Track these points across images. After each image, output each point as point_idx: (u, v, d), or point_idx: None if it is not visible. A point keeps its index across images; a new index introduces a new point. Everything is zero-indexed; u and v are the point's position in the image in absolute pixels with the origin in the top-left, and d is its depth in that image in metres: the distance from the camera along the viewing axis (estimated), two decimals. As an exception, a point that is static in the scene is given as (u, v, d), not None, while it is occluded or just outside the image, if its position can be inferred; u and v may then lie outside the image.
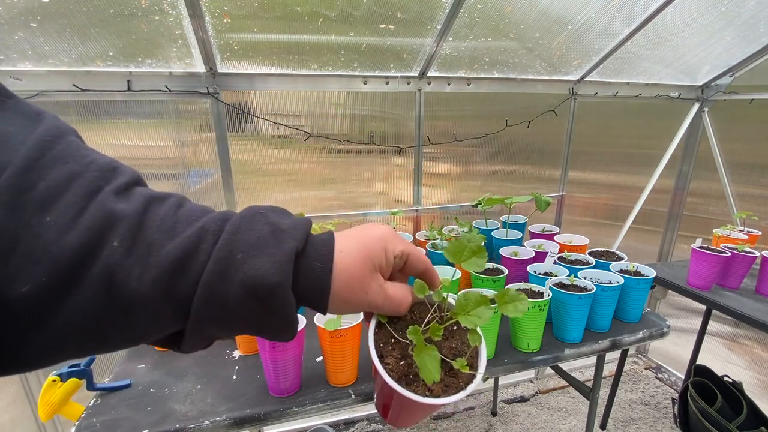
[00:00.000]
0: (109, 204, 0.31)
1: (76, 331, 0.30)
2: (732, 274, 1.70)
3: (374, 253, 0.40)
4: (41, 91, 1.46)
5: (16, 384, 1.71)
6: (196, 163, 1.75)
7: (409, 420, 0.49)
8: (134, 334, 0.33)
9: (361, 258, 0.39)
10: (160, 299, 0.32)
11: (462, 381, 0.43)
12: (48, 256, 0.28)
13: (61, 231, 0.29)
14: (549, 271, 1.38)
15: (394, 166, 2.03)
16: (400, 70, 1.85)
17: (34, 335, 0.29)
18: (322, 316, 1.06)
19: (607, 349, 1.29)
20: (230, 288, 0.34)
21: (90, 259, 0.29)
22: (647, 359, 2.96)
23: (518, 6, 1.64)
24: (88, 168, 0.32)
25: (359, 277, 0.39)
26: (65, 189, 0.30)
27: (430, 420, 2.38)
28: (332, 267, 0.38)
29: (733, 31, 1.96)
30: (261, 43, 1.58)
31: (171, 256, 0.32)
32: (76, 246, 0.29)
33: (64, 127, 0.34)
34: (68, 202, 0.30)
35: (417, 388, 0.41)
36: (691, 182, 2.62)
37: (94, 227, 0.30)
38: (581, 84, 2.18)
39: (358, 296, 0.40)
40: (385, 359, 0.43)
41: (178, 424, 0.96)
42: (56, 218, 0.29)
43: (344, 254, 0.39)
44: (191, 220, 0.35)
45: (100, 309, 0.30)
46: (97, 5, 1.30)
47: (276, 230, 0.36)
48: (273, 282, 0.34)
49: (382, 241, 0.41)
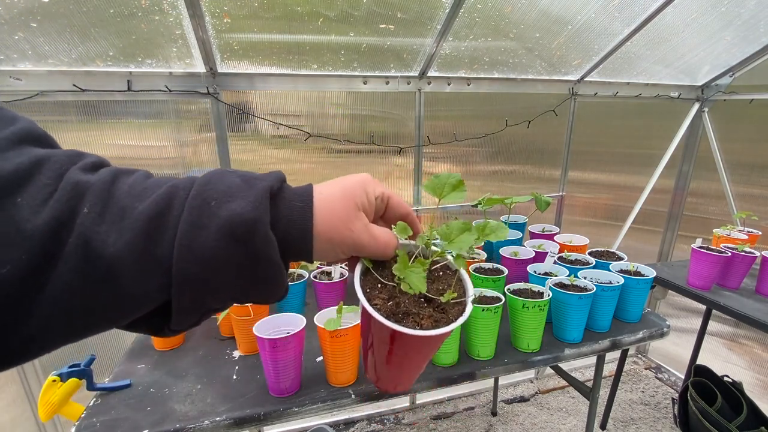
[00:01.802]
0: (76, 176, 0.31)
1: (62, 309, 0.30)
2: (732, 274, 1.70)
3: (355, 192, 0.40)
4: (41, 91, 1.46)
5: (16, 384, 1.71)
6: (196, 163, 1.75)
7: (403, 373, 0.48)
8: (121, 307, 0.33)
9: (342, 196, 0.39)
10: (140, 263, 0.31)
11: (452, 316, 0.43)
12: (22, 235, 0.28)
13: (33, 210, 0.29)
14: (549, 271, 1.38)
15: (394, 166, 2.03)
16: (400, 70, 1.85)
17: (20, 318, 0.29)
18: (322, 316, 1.06)
19: (607, 349, 1.29)
20: (208, 236, 0.32)
21: (65, 231, 0.29)
22: (647, 359, 2.96)
23: (518, 6, 1.64)
24: (56, 153, 0.32)
25: (343, 215, 0.38)
26: (35, 172, 0.30)
27: (430, 420, 2.38)
28: (312, 204, 0.37)
29: (733, 31, 1.96)
30: (261, 43, 1.58)
31: (144, 216, 0.31)
32: (48, 220, 0.29)
33: (39, 131, 0.34)
34: (39, 184, 0.30)
35: (408, 325, 0.41)
36: (691, 182, 2.62)
37: (64, 200, 0.30)
38: (581, 84, 2.18)
39: (343, 234, 0.38)
40: (373, 301, 0.43)
41: (178, 424, 0.96)
42: (28, 199, 0.29)
43: (324, 195, 0.38)
44: (161, 184, 0.34)
45: (81, 282, 0.30)
46: (97, 5, 1.30)
47: (248, 179, 0.36)
48: (249, 218, 0.33)
49: (362, 183, 0.41)
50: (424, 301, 0.44)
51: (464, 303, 0.45)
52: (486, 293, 1.22)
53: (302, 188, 0.39)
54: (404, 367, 0.47)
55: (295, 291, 1.34)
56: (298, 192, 0.38)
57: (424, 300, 0.44)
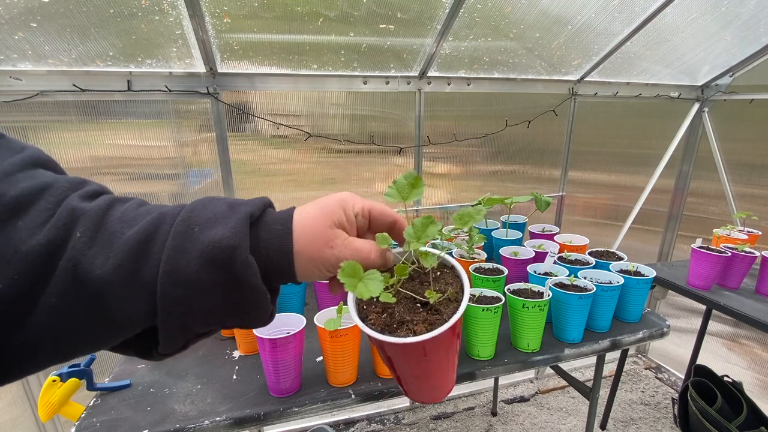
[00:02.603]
0: (74, 203, 0.33)
1: (51, 329, 0.31)
2: (732, 274, 1.70)
3: (332, 210, 0.41)
4: (41, 91, 1.46)
5: (16, 384, 1.71)
6: (196, 163, 1.75)
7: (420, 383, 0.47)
8: (107, 330, 0.34)
9: (321, 216, 0.40)
10: (126, 286, 0.32)
11: (446, 315, 0.43)
12: (18, 256, 0.29)
13: (31, 232, 0.30)
14: (549, 271, 1.38)
15: (394, 166, 2.03)
16: (400, 70, 1.85)
17: (11, 335, 0.30)
18: (322, 316, 1.07)
19: (607, 349, 1.29)
20: (189, 261, 0.33)
21: (58, 254, 0.31)
22: (647, 359, 2.96)
23: (518, 6, 1.64)
24: (59, 180, 0.34)
25: (321, 234, 0.39)
26: (38, 197, 0.32)
27: (430, 420, 2.38)
28: (292, 227, 0.38)
29: (733, 31, 1.96)
30: (261, 43, 1.58)
31: (131, 240, 0.33)
32: (43, 243, 0.30)
33: (45, 156, 0.37)
34: (40, 209, 0.32)
35: (401, 335, 0.41)
36: (691, 182, 2.62)
37: (60, 224, 0.31)
38: (581, 84, 2.18)
39: (324, 252, 0.39)
40: (368, 318, 0.43)
41: (178, 424, 0.96)
42: (27, 222, 0.31)
43: (303, 216, 0.39)
44: (151, 212, 0.36)
45: (70, 302, 0.31)
46: (97, 5, 1.30)
47: (233, 205, 0.37)
48: (229, 245, 0.34)
49: (340, 202, 0.41)
50: (420, 306, 0.43)
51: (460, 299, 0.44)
52: (486, 293, 1.22)
53: (283, 212, 0.40)
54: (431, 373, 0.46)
55: (295, 291, 1.34)
56: (279, 216, 0.39)
57: (420, 304, 0.44)
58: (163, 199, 1.76)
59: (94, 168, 1.62)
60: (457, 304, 0.44)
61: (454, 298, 0.44)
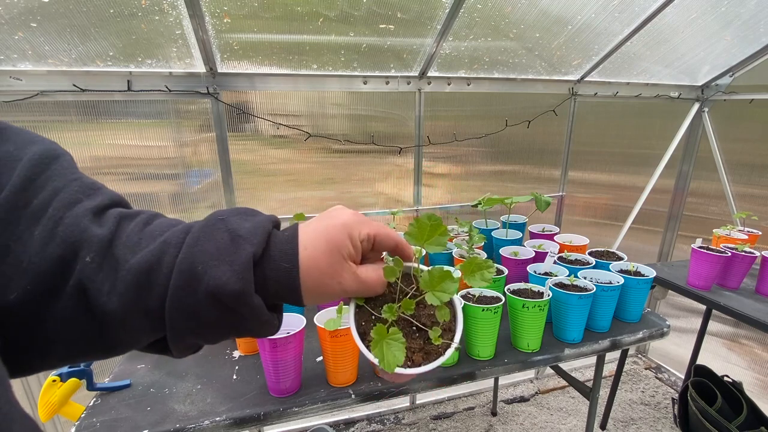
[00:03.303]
0: (85, 222, 0.34)
1: (61, 339, 0.33)
2: (732, 274, 1.70)
3: (340, 243, 0.39)
4: (41, 91, 1.46)
5: (16, 384, 1.71)
6: (196, 163, 1.75)
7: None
8: (116, 345, 0.35)
9: (328, 251, 0.39)
10: (132, 313, 0.33)
11: (442, 348, 0.45)
12: (32, 267, 0.31)
13: (44, 243, 0.31)
14: (549, 271, 1.38)
15: (394, 166, 2.03)
16: (400, 70, 1.85)
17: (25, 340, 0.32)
18: (322, 316, 1.07)
19: (607, 349, 1.29)
20: (197, 299, 0.35)
21: (67, 270, 0.32)
22: (647, 359, 2.96)
23: (518, 6, 1.64)
24: (71, 184, 0.35)
25: (328, 271, 0.39)
26: (49, 204, 0.33)
27: (430, 420, 2.38)
28: (299, 265, 0.38)
29: (733, 31, 1.96)
30: (261, 43, 1.58)
31: (134, 271, 0.33)
32: (54, 258, 0.31)
33: (59, 149, 0.37)
34: (49, 216, 0.32)
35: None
36: (691, 182, 2.62)
37: (68, 241, 0.32)
38: (581, 84, 2.18)
39: (332, 287, 0.40)
40: (366, 337, 0.44)
41: (178, 424, 0.96)
42: (41, 231, 0.32)
43: (309, 251, 0.38)
44: (155, 236, 0.36)
45: (79, 320, 0.32)
46: (97, 5, 1.30)
47: (234, 237, 0.37)
48: (234, 290, 0.35)
49: (346, 228, 0.40)
50: (416, 330, 0.45)
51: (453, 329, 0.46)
52: (486, 293, 1.22)
53: (287, 244, 0.39)
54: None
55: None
56: (284, 250, 0.38)
57: (416, 329, 0.45)
58: (163, 199, 1.76)
59: (94, 168, 1.62)
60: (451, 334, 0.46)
61: (448, 327, 0.46)
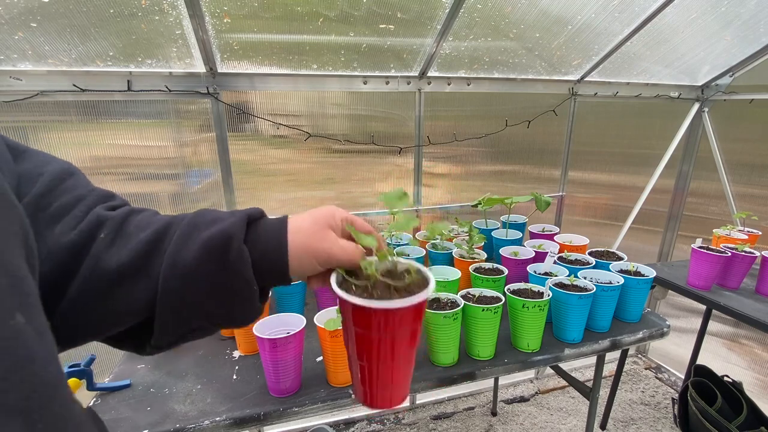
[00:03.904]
0: (100, 212, 0.41)
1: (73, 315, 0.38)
2: (732, 274, 1.70)
3: (323, 215, 0.48)
4: (41, 91, 1.46)
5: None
6: (196, 163, 1.75)
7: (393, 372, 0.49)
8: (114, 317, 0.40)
9: (313, 221, 0.47)
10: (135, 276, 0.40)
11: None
12: (51, 256, 0.37)
13: (63, 235, 0.38)
14: (549, 271, 1.38)
15: (394, 166, 2.03)
16: (400, 70, 1.85)
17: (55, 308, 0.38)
18: (322, 316, 1.06)
19: (607, 349, 1.29)
20: (189, 250, 0.40)
21: (83, 251, 0.38)
22: (647, 359, 2.96)
23: (518, 6, 1.64)
24: (91, 193, 0.43)
25: (315, 231, 0.46)
26: (73, 207, 0.40)
27: (430, 420, 2.38)
28: (287, 223, 0.45)
29: (733, 31, 1.96)
30: (261, 43, 1.58)
31: (144, 240, 0.41)
32: (72, 242, 0.38)
33: (74, 167, 0.45)
34: (73, 216, 0.40)
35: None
36: (691, 182, 2.62)
37: (86, 229, 0.39)
38: (581, 84, 2.18)
39: (316, 245, 0.46)
40: (349, 292, 0.47)
41: (178, 424, 0.96)
42: (62, 227, 0.39)
43: (297, 221, 0.47)
44: (164, 219, 0.44)
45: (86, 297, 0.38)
46: (97, 5, 1.30)
47: (234, 211, 0.45)
48: (225, 233, 0.41)
49: (329, 210, 0.49)
50: (394, 290, 0.49)
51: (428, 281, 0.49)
52: (486, 293, 1.22)
53: (276, 219, 0.47)
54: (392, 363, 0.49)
55: (295, 291, 1.34)
56: (275, 218, 0.47)
57: (395, 289, 0.49)
58: (163, 199, 1.76)
59: (95, 168, 1.62)
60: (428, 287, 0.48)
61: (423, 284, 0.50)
